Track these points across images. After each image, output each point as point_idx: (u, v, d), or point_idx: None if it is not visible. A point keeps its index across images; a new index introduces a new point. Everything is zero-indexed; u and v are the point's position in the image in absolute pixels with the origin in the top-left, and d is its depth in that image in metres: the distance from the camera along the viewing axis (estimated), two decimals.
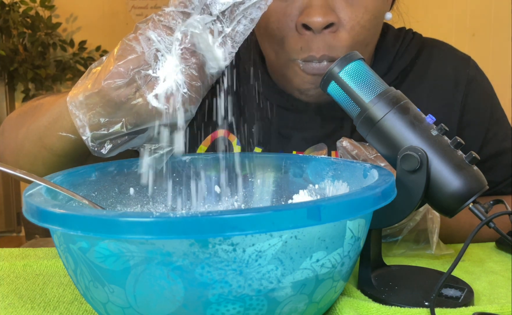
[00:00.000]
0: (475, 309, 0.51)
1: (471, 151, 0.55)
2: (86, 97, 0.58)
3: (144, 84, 0.56)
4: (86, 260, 0.43)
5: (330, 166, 0.61)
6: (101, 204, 0.60)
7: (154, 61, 0.56)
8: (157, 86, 0.56)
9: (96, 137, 0.59)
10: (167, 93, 0.56)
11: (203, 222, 0.38)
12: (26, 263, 0.65)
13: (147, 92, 0.56)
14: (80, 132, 0.59)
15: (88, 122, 0.59)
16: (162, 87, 0.56)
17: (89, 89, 0.58)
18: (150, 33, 0.56)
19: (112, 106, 0.57)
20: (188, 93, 0.56)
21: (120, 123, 0.58)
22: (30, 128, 0.71)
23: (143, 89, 0.56)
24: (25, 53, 3.08)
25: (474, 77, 0.86)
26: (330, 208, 0.41)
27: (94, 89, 0.57)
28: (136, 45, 0.56)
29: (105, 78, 0.56)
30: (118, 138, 0.61)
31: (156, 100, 0.56)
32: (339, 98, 0.59)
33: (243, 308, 0.42)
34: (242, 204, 0.66)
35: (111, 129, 0.59)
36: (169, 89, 0.56)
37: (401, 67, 0.84)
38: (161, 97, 0.56)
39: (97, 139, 0.60)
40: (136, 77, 0.56)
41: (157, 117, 0.57)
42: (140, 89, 0.56)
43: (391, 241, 0.70)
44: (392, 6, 0.84)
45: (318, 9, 0.71)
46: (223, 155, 0.68)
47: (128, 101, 0.56)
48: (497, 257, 0.70)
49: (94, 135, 0.59)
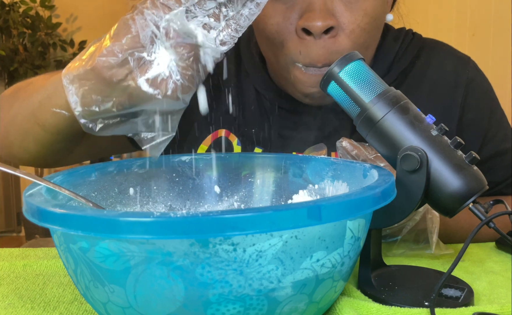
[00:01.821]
0: (475, 309, 0.51)
1: (471, 151, 0.55)
2: (80, 73, 0.57)
3: (137, 66, 0.55)
4: (86, 260, 0.43)
5: (330, 166, 0.61)
6: (101, 204, 0.60)
7: (150, 43, 0.55)
8: (150, 70, 0.55)
9: (87, 113, 0.58)
10: (158, 78, 0.55)
11: (203, 222, 0.38)
12: (26, 263, 0.65)
13: (139, 75, 0.55)
14: (73, 107, 0.58)
15: (80, 97, 0.58)
16: (154, 71, 0.55)
17: (83, 66, 0.57)
18: (146, 13, 0.55)
19: (104, 84, 0.56)
20: (180, 81, 0.56)
21: (111, 103, 0.57)
22: (23, 103, 0.70)
23: (135, 71, 0.55)
24: (25, 53, 3.08)
25: (474, 78, 0.86)
26: (331, 208, 0.41)
27: (87, 66, 0.56)
28: (132, 25, 0.55)
29: (99, 56, 0.56)
30: (109, 118, 0.60)
31: (147, 85, 0.55)
32: (339, 98, 0.59)
33: (243, 308, 0.42)
34: (242, 204, 0.66)
35: (102, 107, 0.57)
36: (162, 74, 0.55)
37: (401, 67, 0.84)
38: (152, 82, 0.55)
39: (89, 116, 0.59)
40: (129, 58, 0.55)
41: (148, 102, 0.57)
42: (132, 72, 0.55)
43: (391, 241, 0.70)
44: (392, 8, 0.84)
45: (317, 13, 0.71)
46: (223, 155, 0.68)
47: (120, 82, 0.56)
48: (497, 257, 0.70)
49: (85, 112, 0.58)
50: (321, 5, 0.71)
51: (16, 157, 0.77)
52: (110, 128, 0.61)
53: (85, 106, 0.58)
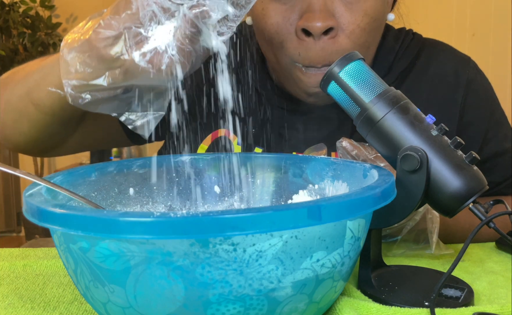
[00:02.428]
0: (475, 309, 0.51)
1: (471, 151, 0.55)
2: (77, 44, 0.57)
3: (133, 41, 0.55)
4: (87, 260, 0.43)
5: (330, 166, 0.61)
6: (101, 204, 0.60)
7: (149, 21, 0.55)
8: (146, 45, 0.55)
9: (77, 86, 0.58)
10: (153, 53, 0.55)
11: (203, 222, 0.38)
12: (26, 263, 0.65)
13: (134, 49, 0.55)
14: (63, 77, 0.58)
15: (73, 68, 0.58)
16: (149, 46, 0.55)
17: (80, 38, 0.57)
18: None
19: (98, 56, 0.56)
20: (177, 56, 0.55)
21: (103, 76, 0.57)
22: (19, 83, 0.70)
23: (130, 46, 0.55)
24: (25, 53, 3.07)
25: (474, 78, 0.86)
26: (331, 208, 0.41)
27: (85, 37, 0.56)
28: (133, 2, 0.55)
29: (95, 28, 0.56)
30: (98, 92, 0.59)
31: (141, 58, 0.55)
32: (339, 98, 0.59)
33: (243, 308, 0.42)
34: (242, 204, 0.66)
35: (94, 81, 0.57)
36: (157, 48, 0.55)
37: (401, 67, 0.84)
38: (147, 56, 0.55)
39: (79, 88, 0.59)
40: (126, 32, 0.55)
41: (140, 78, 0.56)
42: (127, 46, 0.55)
43: (391, 241, 0.70)
44: (392, 8, 0.84)
45: (317, 13, 0.71)
46: (223, 155, 0.68)
47: (114, 55, 0.56)
48: (497, 257, 0.70)
49: (76, 84, 0.58)
50: (321, 5, 0.71)
51: (10, 140, 0.77)
52: (97, 104, 0.60)
53: (77, 78, 0.58)
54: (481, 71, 0.89)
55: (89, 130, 0.81)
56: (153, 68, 0.55)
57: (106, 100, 0.60)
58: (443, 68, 0.86)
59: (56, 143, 0.80)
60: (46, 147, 0.80)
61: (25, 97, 0.68)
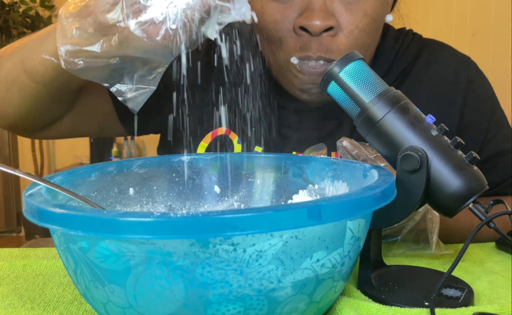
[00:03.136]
0: (475, 309, 0.51)
1: (471, 151, 0.55)
2: (75, 10, 0.57)
3: (131, 9, 0.55)
4: (86, 260, 0.43)
5: (330, 166, 0.61)
6: (101, 204, 0.60)
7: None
8: (143, 14, 0.55)
9: (72, 52, 0.58)
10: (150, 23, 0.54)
11: (203, 222, 0.38)
12: (26, 263, 0.65)
13: (131, 17, 0.55)
14: (58, 41, 0.58)
15: (69, 33, 0.57)
16: (147, 15, 0.54)
17: (79, 4, 0.57)
18: None
19: (95, 23, 0.56)
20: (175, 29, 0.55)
21: (97, 43, 0.57)
22: (13, 50, 0.69)
23: (128, 13, 0.55)
24: None
25: (474, 78, 0.86)
26: (331, 208, 0.41)
27: (83, 2, 0.56)
28: None
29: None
30: (92, 58, 0.59)
31: (137, 27, 0.55)
32: (339, 98, 0.59)
33: (243, 308, 0.42)
34: (242, 204, 0.66)
35: (88, 47, 0.57)
36: (154, 19, 0.54)
37: (401, 68, 0.84)
38: (142, 25, 0.55)
39: (73, 54, 0.58)
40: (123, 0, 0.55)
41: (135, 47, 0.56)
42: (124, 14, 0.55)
43: (391, 241, 0.70)
44: (392, 8, 0.84)
45: (317, 13, 0.71)
46: (223, 155, 0.68)
47: (111, 21, 0.55)
48: (497, 257, 0.70)
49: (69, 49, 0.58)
50: (320, 5, 0.71)
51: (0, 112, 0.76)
52: (90, 72, 0.60)
53: (72, 43, 0.57)
54: (481, 71, 0.89)
55: (82, 110, 0.80)
56: (147, 38, 0.55)
57: (99, 68, 0.60)
58: (443, 68, 0.86)
59: (47, 120, 0.78)
60: (37, 124, 0.79)
61: (18, 64, 0.68)
